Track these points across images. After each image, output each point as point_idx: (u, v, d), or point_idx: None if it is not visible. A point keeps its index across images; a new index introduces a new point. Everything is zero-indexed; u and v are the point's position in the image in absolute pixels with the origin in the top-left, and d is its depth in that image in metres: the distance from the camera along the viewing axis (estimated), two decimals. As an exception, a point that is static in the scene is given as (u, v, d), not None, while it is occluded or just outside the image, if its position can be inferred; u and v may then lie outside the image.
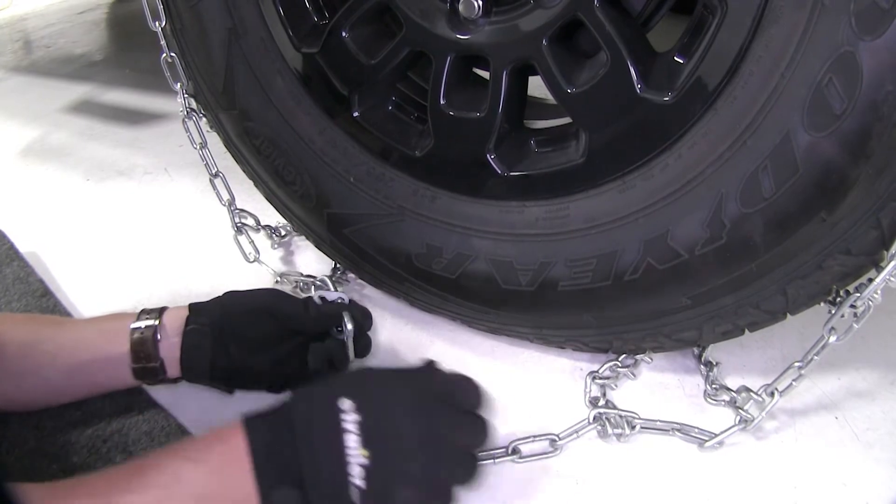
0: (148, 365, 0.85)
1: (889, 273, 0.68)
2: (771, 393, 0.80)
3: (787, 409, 0.83)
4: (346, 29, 0.86)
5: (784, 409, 0.83)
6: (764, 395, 0.81)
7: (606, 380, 0.89)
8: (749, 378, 0.87)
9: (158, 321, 0.86)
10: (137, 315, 0.87)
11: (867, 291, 0.70)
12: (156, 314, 0.87)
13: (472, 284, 0.88)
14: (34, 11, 3.16)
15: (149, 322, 0.86)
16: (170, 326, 0.86)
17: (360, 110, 0.90)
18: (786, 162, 0.65)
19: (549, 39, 0.74)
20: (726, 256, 0.72)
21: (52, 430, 0.88)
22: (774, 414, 0.83)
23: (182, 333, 0.85)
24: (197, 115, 1.05)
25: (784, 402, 0.83)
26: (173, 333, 0.86)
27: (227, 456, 0.65)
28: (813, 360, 0.76)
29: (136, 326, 0.86)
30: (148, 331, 0.85)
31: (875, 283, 0.69)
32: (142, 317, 0.87)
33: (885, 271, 0.68)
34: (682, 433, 0.81)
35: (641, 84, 0.71)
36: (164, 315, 0.87)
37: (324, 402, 0.67)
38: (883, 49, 0.58)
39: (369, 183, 0.92)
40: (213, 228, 1.29)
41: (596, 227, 0.78)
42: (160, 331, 0.85)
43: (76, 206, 1.47)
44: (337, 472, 0.64)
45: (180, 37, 0.98)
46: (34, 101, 2.09)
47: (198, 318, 0.86)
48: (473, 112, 0.82)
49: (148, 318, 0.86)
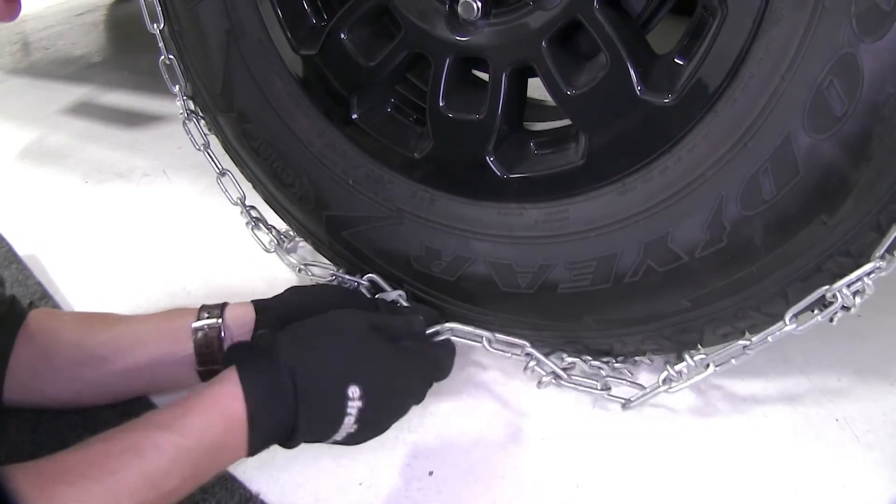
0: (214, 367, 0.82)
1: (863, 274, 0.67)
2: (706, 365, 0.80)
3: (788, 411, 0.83)
4: (344, 31, 0.86)
5: (784, 412, 0.83)
6: (698, 365, 0.81)
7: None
8: (749, 379, 0.87)
9: (221, 319, 0.84)
10: (197, 313, 0.85)
11: (837, 285, 0.69)
12: (217, 312, 0.85)
13: (471, 287, 0.88)
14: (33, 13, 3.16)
15: (211, 321, 0.84)
16: (234, 325, 0.84)
17: (358, 112, 0.90)
18: (786, 164, 0.65)
19: (548, 41, 0.74)
20: (726, 259, 0.72)
21: (50, 434, 0.87)
22: (776, 416, 0.83)
23: (252, 335, 0.84)
24: (197, 117, 1.04)
25: (785, 404, 0.84)
26: (238, 333, 0.84)
27: (226, 435, 0.67)
28: (767, 340, 0.75)
29: (198, 326, 0.84)
30: (212, 331, 0.83)
31: (846, 279, 0.68)
32: (202, 315, 0.85)
33: (858, 271, 0.68)
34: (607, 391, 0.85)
35: (641, 86, 0.71)
36: (226, 313, 0.85)
37: (334, 387, 0.71)
38: (884, 51, 0.58)
39: (368, 185, 0.91)
40: (213, 230, 1.28)
41: (595, 230, 0.78)
42: (224, 330, 0.83)
43: (75, 209, 1.46)
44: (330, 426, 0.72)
45: (178, 39, 0.97)
46: (33, 103, 2.08)
47: (267, 319, 0.84)
48: (473, 114, 0.81)
49: (209, 317, 0.84)
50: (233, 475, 0.80)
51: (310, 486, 0.79)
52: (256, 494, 0.79)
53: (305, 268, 1.07)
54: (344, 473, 0.80)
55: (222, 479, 0.80)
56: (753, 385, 0.84)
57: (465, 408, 0.89)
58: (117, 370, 0.84)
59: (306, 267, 1.07)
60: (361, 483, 0.79)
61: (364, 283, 0.97)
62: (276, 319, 0.84)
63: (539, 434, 0.84)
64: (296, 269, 1.09)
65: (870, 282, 0.68)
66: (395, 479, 0.80)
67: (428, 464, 0.81)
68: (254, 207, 1.10)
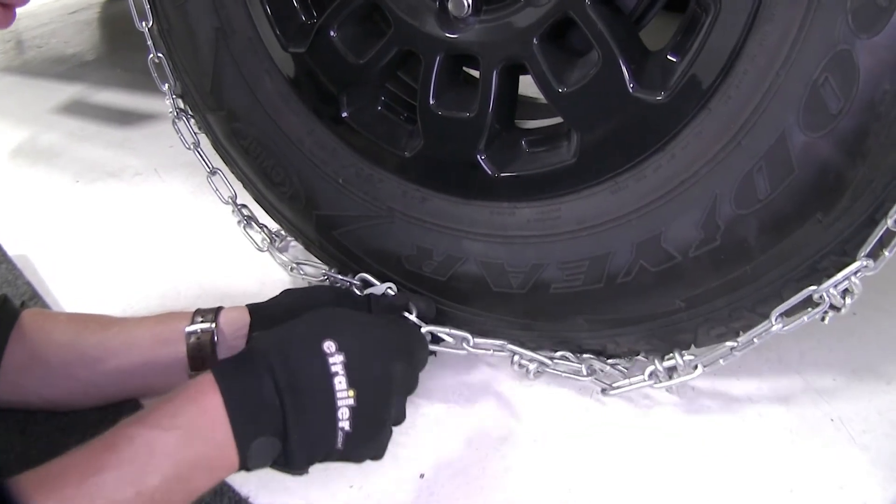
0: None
1: (850, 273, 0.66)
2: (695, 366, 0.80)
3: (783, 411, 0.83)
4: (334, 28, 0.84)
5: (779, 412, 0.83)
6: (687, 366, 0.80)
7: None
8: (744, 379, 0.86)
9: (215, 324, 0.83)
10: (192, 317, 0.85)
11: (824, 285, 0.68)
12: (211, 316, 0.84)
13: (462, 287, 0.87)
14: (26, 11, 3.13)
15: (204, 325, 0.83)
16: (227, 330, 0.84)
17: (348, 110, 0.89)
18: (781, 162, 0.64)
19: (539, 38, 0.73)
20: (721, 258, 0.71)
21: (40, 436, 0.87)
22: (771, 416, 0.82)
23: (247, 339, 0.83)
24: (186, 116, 1.04)
25: (780, 404, 0.83)
26: (232, 337, 0.83)
27: (201, 418, 0.64)
28: (753, 342, 0.75)
29: (191, 330, 0.83)
30: (205, 335, 0.83)
31: (833, 279, 0.67)
32: (196, 319, 0.84)
33: (844, 270, 0.66)
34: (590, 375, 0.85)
35: (634, 83, 0.70)
36: (220, 317, 0.84)
37: (309, 345, 0.67)
38: (880, 47, 0.57)
39: (358, 184, 0.91)
40: (205, 230, 1.28)
41: (588, 229, 0.78)
42: (218, 334, 0.83)
43: (65, 208, 1.45)
44: (326, 416, 0.66)
45: (167, 37, 0.96)
46: (26, 102, 2.07)
47: (262, 322, 0.84)
48: (463, 112, 0.80)
49: (203, 321, 0.84)
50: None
51: (300, 490, 0.78)
52: (246, 498, 0.78)
53: (297, 267, 1.07)
54: (334, 476, 0.79)
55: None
56: (748, 384, 0.83)
57: (456, 409, 0.88)
58: (110, 371, 0.83)
59: (298, 266, 1.07)
60: (352, 486, 0.79)
61: (356, 283, 0.96)
62: (271, 322, 0.82)
63: (532, 435, 0.83)
64: (288, 267, 1.08)
65: (857, 280, 0.67)
66: (386, 481, 0.79)
67: (419, 466, 0.80)
68: (245, 206, 1.09)
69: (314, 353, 0.67)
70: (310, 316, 0.74)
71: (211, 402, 0.64)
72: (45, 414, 0.88)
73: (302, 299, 0.88)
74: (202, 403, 0.64)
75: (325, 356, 0.67)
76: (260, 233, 1.10)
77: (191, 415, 0.64)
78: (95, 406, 0.87)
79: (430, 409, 0.87)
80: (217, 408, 0.64)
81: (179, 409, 0.64)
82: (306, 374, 0.67)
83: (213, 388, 0.65)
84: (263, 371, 0.66)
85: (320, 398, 0.67)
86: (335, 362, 0.67)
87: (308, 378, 0.66)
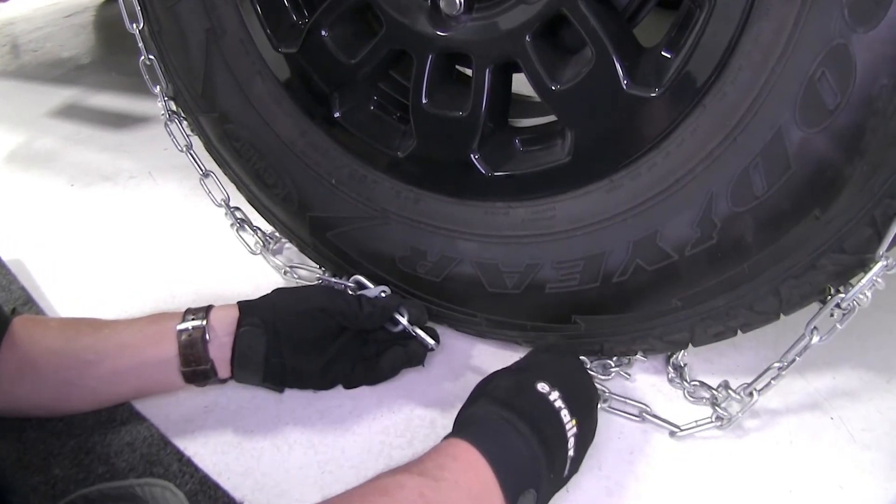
0: (198, 368, 0.83)
1: (876, 274, 0.66)
2: (749, 393, 0.79)
3: (782, 410, 0.82)
4: (325, 28, 0.84)
5: (778, 411, 0.82)
6: (742, 395, 0.79)
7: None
8: (742, 379, 0.85)
9: (206, 321, 0.84)
10: (183, 316, 0.85)
11: (853, 291, 0.69)
12: (202, 314, 0.85)
13: (457, 288, 0.87)
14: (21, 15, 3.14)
15: (196, 323, 0.83)
16: (218, 326, 0.84)
17: (341, 111, 0.88)
18: (777, 159, 0.64)
19: (532, 36, 0.72)
20: (717, 257, 0.71)
21: (35, 441, 0.86)
22: (770, 416, 0.81)
23: (235, 334, 0.83)
24: (179, 118, 1.03)
25: (779, 403, 0.83)
26: (223, 333, 0.84)
27: (467, 473, 0.64)
28: (795, 360, 0.75)
29: (182, 328, 0.83)
30: (196, 332, 0.83)
31: (862, 283, 0.68)
32: (187, 317, 0.84)
33: (871, 272, 0.67)
34: (655, 417, 0.82)
35: (628, 80, 0.69)
36: (211, 315, 0.85)
37: (530, 391, 0.70)
38: (877, 41, 0.56)
39: (352, 185, 0.90)
40: (199, 232, 1.27)
41: (583, 228, 0.77)
42: (209, 331, 0.83)
43: (60, 213, 1.45)
44: (564, 450, 0.69)
45: (158, 39, 0.96)
46: (21, 106, 2.07)
47: (250, 319, 0.84)
48: (456, 111, 0.80)
49: (194, 319, 0.84)
50: (216, 482, 0.79)
51: (294, 493, 0.78)
52: (241, 502, 0.77)
53: (291, 270, 1.07)
54: (330, 480, 0.79)
55: (205, 486, 0.78)
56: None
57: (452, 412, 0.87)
58: (103, 374, 0.83)
59: (292, 269, 1.07)
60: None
61: (350, 285, 0.96)
62: (261, 319, 0.84)
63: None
64: (282, 270, 1.08)
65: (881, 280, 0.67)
66: (382, 485, 0.78)
67: (415, 469, 0.80)
68: (238, 209, 1.09)
69: (538, 397, 0.70)
70: (503, 371, 0.76)
71: (473, 456, 0.65)
72: (40, 420, 0.87)
73: (293, 298, 0.88)
74: (464, 459, 0.65)
75: (546, 395, 0.70)
76: (253, 236, 1.10)
77: (456, 470, 0.64)
78: (89, 410, 0.87)
79: (426, 413, 0.87)
80: (480, 464, 0.64)
81: (444, 464, 0.65)
82: (541, 416, 0.69)
83: (469, 447, 0.65)
84: (510, 430, 0.67)
85: (559, 434, 0.69)
86: (555, 398, 0.70)
87: (545, 420, 0.69)
